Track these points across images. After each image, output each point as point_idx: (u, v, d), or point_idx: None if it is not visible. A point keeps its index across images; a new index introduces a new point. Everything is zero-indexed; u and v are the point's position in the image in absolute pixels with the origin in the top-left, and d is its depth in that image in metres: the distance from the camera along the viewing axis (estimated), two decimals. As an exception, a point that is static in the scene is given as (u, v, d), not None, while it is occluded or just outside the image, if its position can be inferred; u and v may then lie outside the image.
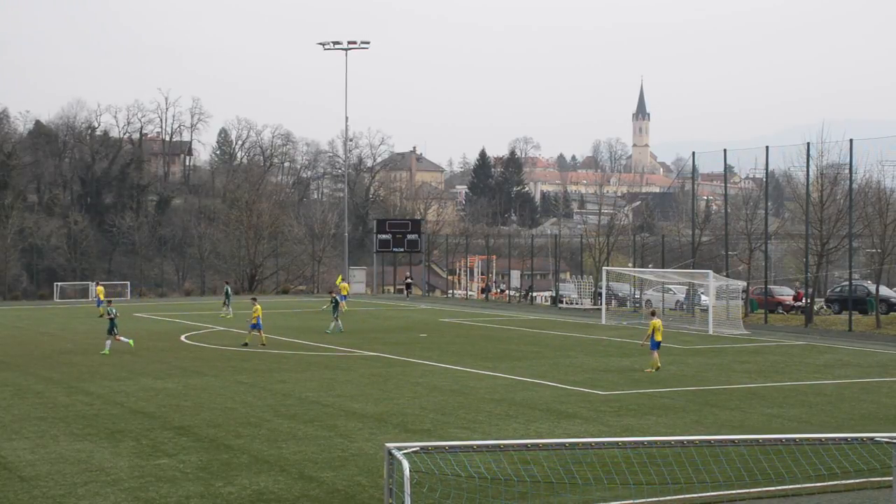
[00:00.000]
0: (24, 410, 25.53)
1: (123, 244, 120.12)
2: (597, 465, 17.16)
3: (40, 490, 17.27)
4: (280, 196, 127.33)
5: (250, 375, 32.16)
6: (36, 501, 16.55)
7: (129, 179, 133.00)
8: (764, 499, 16.60)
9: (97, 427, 23.11)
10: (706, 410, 25.89)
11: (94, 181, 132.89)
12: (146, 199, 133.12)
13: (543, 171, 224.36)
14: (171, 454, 20.18)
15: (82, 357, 37.89)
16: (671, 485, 16.08)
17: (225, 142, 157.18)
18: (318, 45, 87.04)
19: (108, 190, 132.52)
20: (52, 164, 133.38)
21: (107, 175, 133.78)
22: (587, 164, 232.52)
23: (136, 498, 16.69)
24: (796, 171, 63.58)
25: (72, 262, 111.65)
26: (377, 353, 39.17)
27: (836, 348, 41.17)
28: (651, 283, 64.64)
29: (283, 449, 20.70)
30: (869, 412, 25.89)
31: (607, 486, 16.17)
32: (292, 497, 16.84)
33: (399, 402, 26.96)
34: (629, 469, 16.07)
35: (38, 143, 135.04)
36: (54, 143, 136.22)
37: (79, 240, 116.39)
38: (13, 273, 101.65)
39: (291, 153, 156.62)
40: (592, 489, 16.42)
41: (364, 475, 18.22)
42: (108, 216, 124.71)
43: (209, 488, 17.37)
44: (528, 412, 25.41)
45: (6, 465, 19.20)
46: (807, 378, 31.15)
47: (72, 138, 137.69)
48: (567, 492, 16.52)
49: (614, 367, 35.42)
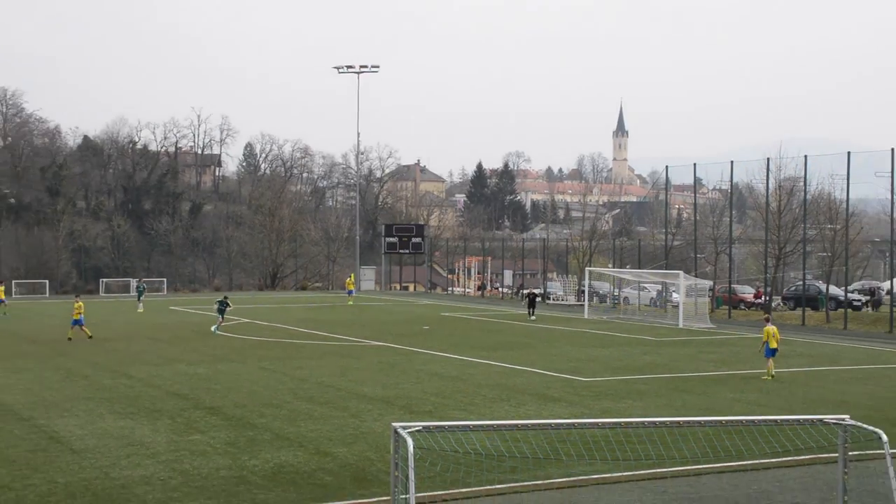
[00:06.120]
0: (74, 391, 25.63)
1: (160, 245, 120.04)
2: (578, 443, 17.21)
3: (88, 461, 17.35)
4: (299, 203, 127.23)
5: (272, 362, 32.24)
6: (85, 471, 16.62)
7: (166, 188, 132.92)
8: (726, 473, 16.63)
9: (138, 406, 23.19)
10: (675, 395, 25.94)
11: (134, 189, 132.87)
12: (180, 206, 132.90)
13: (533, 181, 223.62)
14: (202, 431, 20.24)
15: (125, 344, 38.01)
16: (644, 460, 16.15)
17: (250, 154, 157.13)
18: (334, 69, 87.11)
19: (147, 197, 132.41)
20: (98, 174, 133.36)
21: (146, 184, 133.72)
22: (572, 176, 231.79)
23: (173, 469, 16.75)
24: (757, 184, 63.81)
25: (115, 260, 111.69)
26: (385, 343, 39.23)
27: (790, 340, 41.17)
28: (628, 282, 64.72)
29: (301, 427, 20.74)
30: (818, 397, 25.96)
31: (588, 461, 16.21)
32: (309, 470, 16.89)
33: (404, 386, 27.01)
34: (607, 446, 16.11)
35: (86, 156, 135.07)
36: (100, 155, 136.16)
37: (121, 241, 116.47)
38: (64, 270, 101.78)
39: (309, 165, 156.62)
40: (575, 464, 16.47)
41: (373, 451, 18.26)
42: (147, 220, 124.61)
43: (236, 461, 17.43)
44: (518, 396, 25.46)
45: (59, 440, 19.29)
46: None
47: (115, 151, 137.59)
48: (552, 466, 16.57)
49: (595, 356, 35.47)
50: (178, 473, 16.46)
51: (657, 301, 63.72)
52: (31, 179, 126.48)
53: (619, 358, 34.70)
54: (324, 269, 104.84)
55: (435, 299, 75.35)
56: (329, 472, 16.74)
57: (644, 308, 61.52)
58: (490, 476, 15.65)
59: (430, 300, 73.76)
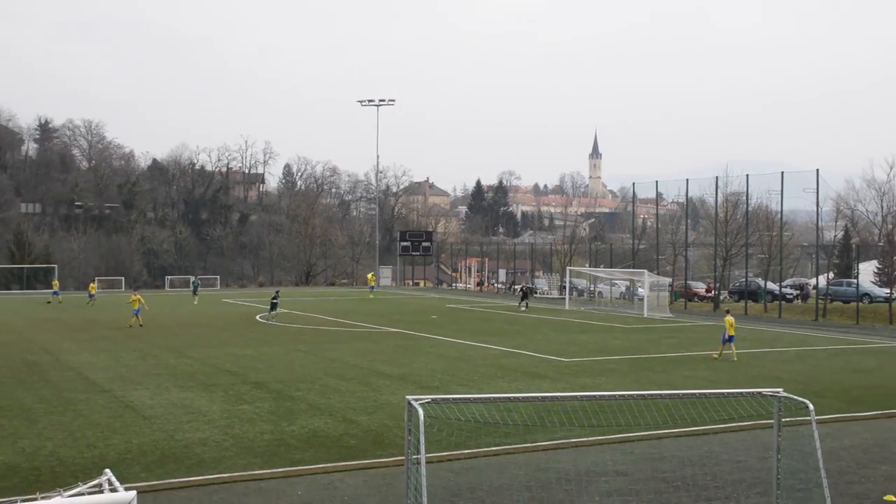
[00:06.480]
0: (146, 369, 25.72)
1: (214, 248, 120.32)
2: (561, 413, 17.23)
3: (157, 426, 17.42)
4: (328, 214, 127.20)
5: (306, 345, 32.29)
6: (154, 434, 16.69)
7: (219, 201, 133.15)
8: (682, 437, 16.66)
9: (196, 381, 23.26)
10: (641, 373, 25.95)
11: (193, 202, 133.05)
12: (231, 216, 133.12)
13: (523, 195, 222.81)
14: (249, 402, 20.29)
15: (186, 330, 38.09)
16: (615, 426, 16.16)
17: (288, 173, 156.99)
18: (358, 103, 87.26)
19: (203, 209, 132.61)
20: (164, 190, 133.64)
21: (203, 198, 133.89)
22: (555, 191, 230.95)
23: (225, 433, 16.80)
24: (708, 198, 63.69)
25: (178, 261, 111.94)
26: (399, 329, 39.25)
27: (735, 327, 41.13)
28: (602, 279, 64.67)
29: (331, 399, 20.78)
30: (757, 374, 25.95)
31: (568, 427, 16.23)
32: (337, 434, 16.92)
33: (415, 365, 27.04)
34: (584, 415, 16.14)
35: (155, 175, 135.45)
36: (166, 174, 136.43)
37: (182, 245, 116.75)
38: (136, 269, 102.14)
39: (337, 182, 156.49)
40: (557, 430, 16.50)
41: (390, 419, 18.29)
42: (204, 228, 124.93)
43: (277, 427, 17.48)
44: (510, 373, 25.48)
45: (133, 408, 19.36)
46: (714, 349, 31.12)
47: (178, 171, 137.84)
48: (539, 432, 16.59)
49: (574, 340, 35.46)
50: (230, 437, 16.52)
51: (626, 295, 63.67)
52: (111, 195, 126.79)
53: (594, 342, 34.70)
54: (349, 268, 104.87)
55: (441, 293, 75.36)
56: (354, 436, 16.78)
57: (615, 300, 61.47)
58: (487, 440, 15.68)
59: (437, 294, 73.75)
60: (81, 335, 35.93)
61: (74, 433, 16.75)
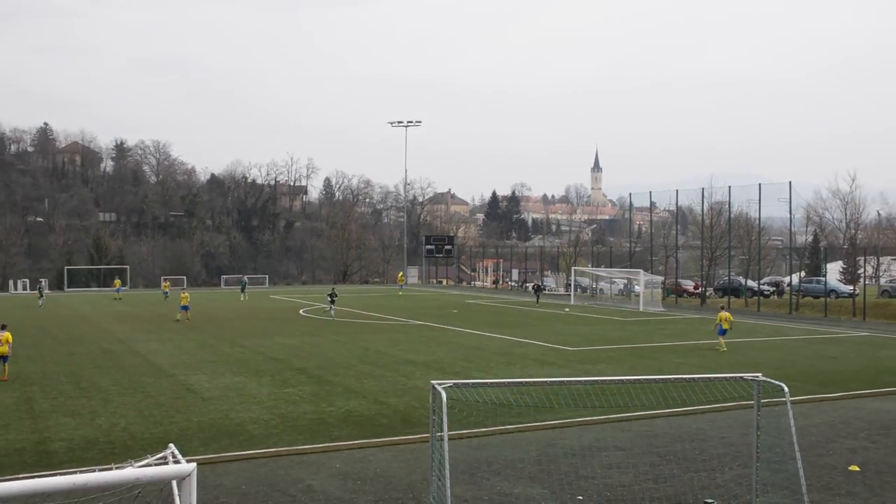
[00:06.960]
0: (203, 356, 25.87)
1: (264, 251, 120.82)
2: (567, 395, 17.18)
3: (214, 406, 17.52)
4: (363, 221, 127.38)
5: (343, 336, 32.35)
6: (212, 413, 16.78)
7: (268, 210, 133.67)
8: (673, 417, 16.55)
9: (248, 367, 23.37)
10: (637, 360, 25.81)
11: (245, 211, 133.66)
12: (278, 223, 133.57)
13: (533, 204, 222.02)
14: (293, 385, 20.36)
15: (239, 323, 38.28)
16: (614, 407, 16.10)
17: (328, 185, 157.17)
18: (388, 124, 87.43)
19: (254, 217, 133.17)
20: (220, 201, 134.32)
21: (254, 207, 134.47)
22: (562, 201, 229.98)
23: (272, 413, 16.87)
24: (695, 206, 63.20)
25: (231, 262, 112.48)
26: (425, 322, 39.25)
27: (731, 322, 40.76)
28: (603, 278, 64.39)
29: (365, 383, 20.81)
30: (739, 360, 25.72)
31: (573, 408, 16.19)
32: (370, 414, 16.94)
33: (439, 354, 27.03)
34: (587, 398, 16.07)
35: (212, 187, 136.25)
36: (222, 187, 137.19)
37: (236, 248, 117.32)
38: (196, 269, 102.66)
39: (370, 193, 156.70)
40: (564, 411, 16.44)
41: (417, 401, 18.29)
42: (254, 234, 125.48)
43: (318, 407, 17.53)
44: (522, 361, 25.42)
45: (193, 390, 19.48)
46: (701, 339, 30.93)
47: (232, 184, 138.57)
48: (547, 412, 16.56)
49: (579, 332, 35.32)
50: (277, 416, 16.60)
51: (624, 291, 63.38)
52: (174, 205, 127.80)
53: (596, 333, 34.54)
54: (380, 268, 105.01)
55: (461, 290, 75.29)
56: (385, 416, 16.80)
57: (614, 297, 61.18)
58: (502, 419, 15.69)
59: (458, 291, 73.69)
60: (149, 326, 36.21)
61: (143, 412, 16.89)
